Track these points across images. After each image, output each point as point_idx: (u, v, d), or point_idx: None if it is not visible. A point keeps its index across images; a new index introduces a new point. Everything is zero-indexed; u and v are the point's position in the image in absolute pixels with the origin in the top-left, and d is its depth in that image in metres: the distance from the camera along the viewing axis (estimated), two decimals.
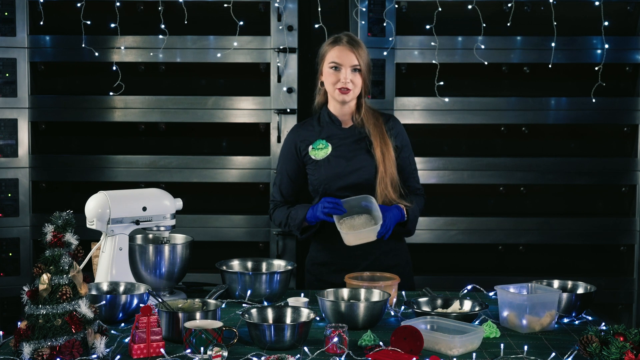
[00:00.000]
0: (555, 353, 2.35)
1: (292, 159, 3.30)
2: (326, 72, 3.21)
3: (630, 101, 4.34)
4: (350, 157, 3.22)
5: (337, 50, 3.18)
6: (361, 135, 3.24)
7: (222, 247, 4.35)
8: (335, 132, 3.27)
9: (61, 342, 2.23)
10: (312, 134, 3.28)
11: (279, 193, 3.33)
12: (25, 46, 4.23)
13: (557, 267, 4.52)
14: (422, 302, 2.74)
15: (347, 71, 3.16)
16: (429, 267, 4.44)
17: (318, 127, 3.29)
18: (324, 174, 3.22)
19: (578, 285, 2.84)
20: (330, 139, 3.26)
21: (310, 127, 3.31)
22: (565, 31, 4.25)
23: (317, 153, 3.24)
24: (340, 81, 3.16)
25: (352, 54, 3.16)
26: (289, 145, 3.31)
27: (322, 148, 3.24)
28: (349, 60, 3.16)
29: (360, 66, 3.16)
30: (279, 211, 3.31)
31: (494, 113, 4.32)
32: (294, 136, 3.31)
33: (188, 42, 4.27)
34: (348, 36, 3.22)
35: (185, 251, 3.00)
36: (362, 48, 3.19)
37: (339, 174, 3.21)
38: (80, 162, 4.35)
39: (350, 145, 3.24)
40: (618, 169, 4.36)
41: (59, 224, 2.31)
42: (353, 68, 3.16)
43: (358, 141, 3.24)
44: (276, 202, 3.34)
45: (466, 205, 4.51)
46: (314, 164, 3.25)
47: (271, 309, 2.52)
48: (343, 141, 3.25)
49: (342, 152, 3.23)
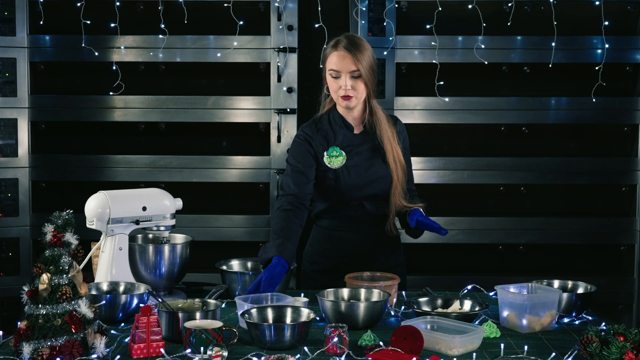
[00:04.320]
0: (556, 353, 2.34)
1: (308, 154, 3.11)
2: (328, 79, 3.10)
3: (630, 101, 4.34)
4: (367, 167, 3.12)
5: (335, 57, 3.05)
6: (374, 142, 3.14)
7: (222, 247, 4.35)
8: (348, 137, 3.14)
9: (61, 342, 2.23)
10: (326, 139, 3.14)
11: (293, 186, 3.07)
12: (25, 46, 4.23)
13: (557, 267, 4.51)
14: (422, 302, 2.74)
15: (346, 78, 3.03)
16: (429, 267, 4.44)
17: (330, 131, 3.15)
18: (343, 184, 3.10)
19: (578, 285, 2.84)
20: (344, 146, 3.13)
21: (323, 132, 3.15)
22: (565, 31, 4.25)
23: (332, 161, 3.11)
24: (341, 88, 3.05)
25: (350, 60, 3.01)
26: (305, 140, 3.13)
27: (337, 156, 3.11)
28: (347, 67, 3.02)
29: (360, 71, 3.02)
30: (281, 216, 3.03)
31: (494, 113, 4.32)
32: (308, 137, 3.14)
33: (188, 42, 4.26)
34: (347, 39, 3.05)
35: (185, 251, 3.00)
36: (361, 51, 3.02)
37: (357, 185, 3.11)
38: (80, 162, 4.34)
39: (366, 153, 3.14)
40: (618, 169, 4.36)
41: (59, 223, 2.31)
42: (352, 74, 3.03)
43: (372, 149, 3.14)
44: (289, 200, 3.05)
45: (466, 205, 4.51)
46: (330, 172, 3.11)
47: (271, 309, 2.52)
48: (357, 149, 3.13)
49: (358, 161, 3.12)
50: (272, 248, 2.90)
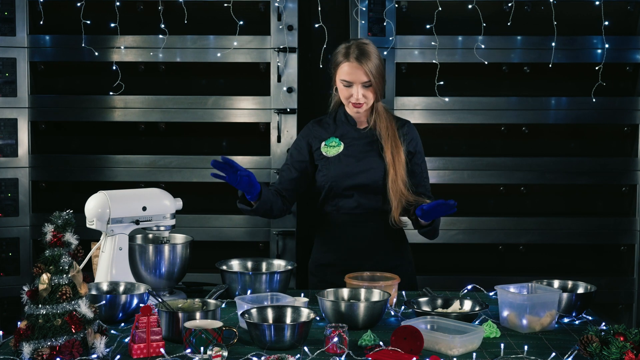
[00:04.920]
0: (556, 353, 2.34)
1: (302, 152, 3.31)
2: (339, 86, 3.22)
3: (630, 101, 4.34)
4: (360, 158, 3.25)
5: (347, 67, 3.16)
6: (374, 138, 3.26)
7: (222, 247, 4.35)
8: (349, 131, 3.29)
9: (61, 342, 2.23)
10: (327, 132, 3.31)
11: (279, 178, 3.34)
12: (25, 46, 4.23)
13: (557, 267, 4.51)
14: (422, 302, 2.74)
15: (358, 88, 3.16)
16: (429, 267, 4.44)
17: (333, 125, 3.32)
18: (333, 171, 3.24)
19: (578, 285, 2.84)
20: (343, 138, 3.28)
21: (326, 125, 3.33)
22: (565, 31, 4.25)
23: (328, 150, 3.27)
24: (352, 96, 3.18)
25: (362, 71, 3.14)
26: (303, 137, 3.34)
27: (335, 146, 3.27)
28: (359, 79, 3.15)
29: (372, 81, 3.15)
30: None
31: (494, 113, 4.32)
32: (309, 131, 3.34)
33: (188, 42, 4.26)
34: (358, 49, 3.16)
35: (185, 251, 3.00)
36: (371, 59, 3.15)
37: (348, 172, 3.23)
38: (80, 162, 4.34)
39: (362, 146, 3.27)
40: (618, 168, 4.36)
41: (59, 223, 2.31)
42: (364, 85, 3.16)
43: (370, 143, 3.26)
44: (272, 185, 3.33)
45: (466, 205, 4.50)
46: (324, 161, 3.27)
47: (271, 309, 2.52)
48: (356, 141, 3.27)
49: (353, 151, 3.26)
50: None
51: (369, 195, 3.24)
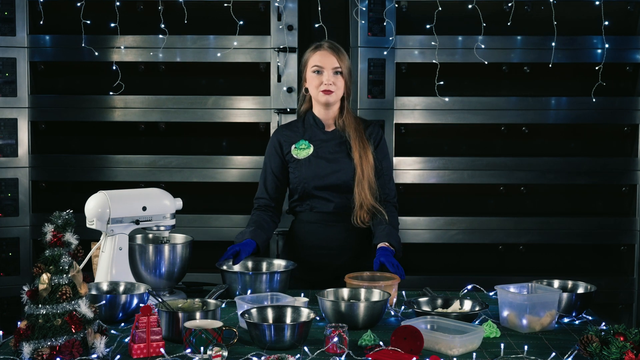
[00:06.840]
0: (556, 353, 2.34)
1: (276, 156, 3.36)
2: (309, 77, 3.29)
3: (630, 101, 4.34)
4: (330, 159, 3.30)
5: (319, 55, 3.27)
6: (342, 139, 3.32)
7: (222, 247, 4.32)
8: (318, 134, 3.35)
9: (61, 342, 2.23)
10: (296, 135, 3.36)
11: (264, 190, 3.37)
12: (25, 46, 4.23)
13: (557, 267, 4.51)
14: (422, 302, 2.74)
15: (329, 73, 3.24)
16: (429, 267, 4.44)
17: (302, 128, 3.37)
18: (304, 173, 3.29)
19: (578, 285, 2.84)
20: (312, 140, 3.33)
21: (295, 128, 3.39)
22: (565, 31, 4.25)
23: (299, 152, 3.32)
24: (323, 83, 3.24)
25: (334, 57, 3.25)
26: (273, 143, 3.39)
27: (304, 148, 3.32)
28: (330, 63, 3.24)
29: (342, 69, 3.25)
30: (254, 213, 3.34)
31: (494, 113, 4.32)
32: (278, 135, 3.39)
33: (188, 42, 4.26)
34: (329, 42, 3.32)
35: (185, 251, 3.00)
36: (343, 53, 3.29)
37: (319, 174, 3.29)
38: (80, 162, 4.34)
39: (331, 147, 3.32)
40: (618, 168, 4.36)
41: (59, 223, 2.31)
42: (335, 71, 3.25)
43: (339, 144, 3.32)
44: (260, 203, 3.36)
45: (466, 205, 4.51)
46: (295, 163, 3.32)
47: (271, 309, 2.52)
48: (325, 143, 3.33)
49: (323, 153, 3.31)
50: (247, 233, 3.22)
51: (341, 195, 3.29)
